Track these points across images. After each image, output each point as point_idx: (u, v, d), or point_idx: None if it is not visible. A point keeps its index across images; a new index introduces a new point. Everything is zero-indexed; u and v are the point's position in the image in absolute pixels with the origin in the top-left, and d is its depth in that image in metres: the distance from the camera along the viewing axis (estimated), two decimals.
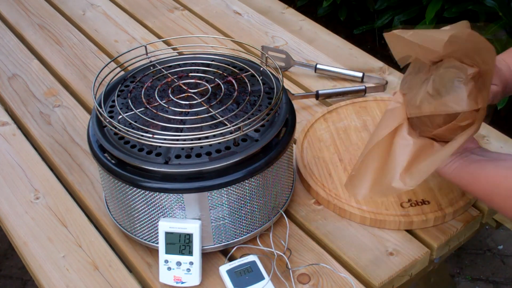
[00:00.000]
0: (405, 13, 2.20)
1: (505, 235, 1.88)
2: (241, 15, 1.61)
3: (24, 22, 1.61)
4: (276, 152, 0.91)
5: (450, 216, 0.99)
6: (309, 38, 1.51)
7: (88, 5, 1.67)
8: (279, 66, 1.10)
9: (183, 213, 0.90)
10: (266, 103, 0.96)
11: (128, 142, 0.91)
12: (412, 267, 0.95)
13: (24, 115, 1.29)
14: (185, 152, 0.88)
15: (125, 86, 1.02)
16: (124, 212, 0.95)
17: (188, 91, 0.98)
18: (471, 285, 1.76)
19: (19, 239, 1.02)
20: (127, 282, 0.94)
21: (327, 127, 1.18)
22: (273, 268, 0.93)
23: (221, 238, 0.94)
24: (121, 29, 1.56)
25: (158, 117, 0.92)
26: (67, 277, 0.95)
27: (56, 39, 1.53)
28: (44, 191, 1.11)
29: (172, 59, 1.08)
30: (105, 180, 0.95)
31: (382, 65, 1.39)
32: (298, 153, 1.11)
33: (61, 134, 1.23)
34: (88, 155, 1.17)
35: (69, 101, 1.32)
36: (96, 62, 1.44)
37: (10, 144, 1.22)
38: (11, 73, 1.42)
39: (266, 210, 0.96)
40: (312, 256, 0.96)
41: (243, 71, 1.03)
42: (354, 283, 0.91)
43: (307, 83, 1.35)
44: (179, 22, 1.58)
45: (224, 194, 0.88)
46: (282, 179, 0.96)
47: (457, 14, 1.98)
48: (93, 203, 1.08)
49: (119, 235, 1.01)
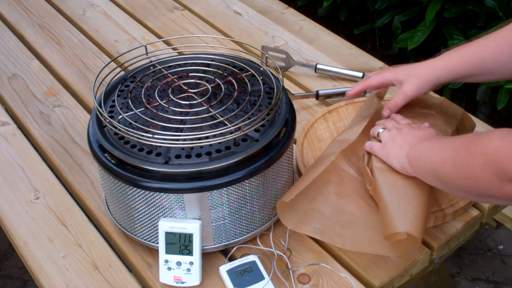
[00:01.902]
0: (405, 13, 2.20)
1: (505, 235, 1.88)
2: (241, 15, 1.61)
3: (24, 22, 1.61)
4: (276, 152, 0.91)
5: (450, 216, 0.99)
6: (309, 38, 1.51)
7: (88, 5, 1.67)
8: (279, 66, 1.10)
9: (183, 213, 0.90)
10: (266, 103, 0.96)
11: (128, 142, 0.91)
12: (412, 267, 0.95)
13: (24, 115, 1.29)
14: (185, 152, 0.88)
15: (125, 86, 1.02)
16: (124, 212, 0.95)
17: (188, 91, 0.98)
18: (471, 285, 1.76)
19: (19, 239, 1.02)
20: (127, 282, 0.94)
21: (327, 127, 1.18)
22: (273, 268, 0.93)
23: (221, 238, 0.94)
24: (121, 29, 1.56)
25: (158, 117, 0.92)
26: (67, 277, 0.95)
27: (56, 39, 1.53)
28: (44, 191, 1.11)
29: (172, 59, 1.08)
30: (105, 180, 0.95)
31: (382, 65, 1.39)
32: (298, 153, 1.11)
33: (61, 134, 1.23)
34: (88, 155, 1.17)
35: (69, 101, 1.32)
36: (96, 62, 1.44)
37: (10, 144, 1.22)
38: (11, 73, 1.42)
39: (266, 210, 0.95)
40: (312, 256, 0.96)
41: (243, 71, 1.03)
42: (354, 283, 0.91)
43: (307, 83, 1.35)
44: (179, 22, 1.58)
45: (224, 194, 0.88)
46: (282, 179, 0.96)
47: (457, 14, 1.98)
48: (93, 203, 1.08)
49: (119, 235, 1.01)
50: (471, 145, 0.72)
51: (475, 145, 0.72)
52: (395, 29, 2.23)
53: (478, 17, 2.02)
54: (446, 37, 2.01)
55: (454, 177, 0.76)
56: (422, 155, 0.84)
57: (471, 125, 1.09)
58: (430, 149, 0.83)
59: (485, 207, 1.02)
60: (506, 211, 1.14)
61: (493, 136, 0.70)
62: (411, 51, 2.17)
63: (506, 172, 0.67)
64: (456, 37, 1.98)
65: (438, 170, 0.79)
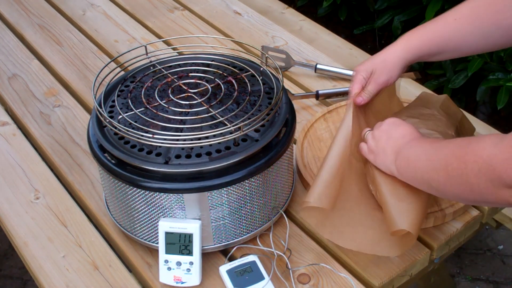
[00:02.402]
0: (405, 13, 2.20)
1: (505, 235, 1.87)
2: (241, 15, 1.61)
3: (24, 22, 1.61)
4: (276, 152, 0.91)
5: (450, 216, 0.99)
6: (309, 38, 1.51)
7: (88, 5, 1.67)
8: (279, 66, 1.10)
9: (183, 213, 0.90)
10: (266, 103, 0.96)
11: (128, 142, 0.91)
12: (412, 267, 0.95)
13: (24, 115, 1.29)
14: (185, 152, 0.88)
15: (125, 86, 1.02)
16: (124, 212, 0.95)
17: (188, 91, 0.98)
18: (471, 285, 1.76)
19: (19, 239, 1.02)
20: (127, 282, 0.94)
21: (327, 127, 1.18)
22: (273, 268, 0.93)
23: (221, 238, 0.94)
24: (121, 29, 1.56)
25: (158, 117, 0.92)
26: (67, 277, 0.95)
27: (56, 39, 1.53)
28: (44, 191, 1.11)
29: (172, 59, 1.08)
30: (105, 180, 0.95)
31: None
32: (298, 153, 1.11)
33: (61, 134, 1.23)
34: (88, 155, 1.17)
35: (69, 101, 1.32)
36: (96, 62, 1.44)
37: (10, 144, 1.22)
38: (11, 73, 1.42)
39: (266, 210, 0.95)
40: (312, 256, 0.96)
41: (243, 71, 1.03)
42: (354, 283, 0.91)
43: (307, 83, 1.35)
44: (179, 22, 1.58)
45: (224, 194, 0.88)
46: (282, 179, 0.96)
47: None
48: (93, 203, 1.08)
49: (119, 235, 1.01)
50: (461, 153, 0.72)
51: (466, 153, 0.72)
52: (395, 29, 2.23)
53: None
54: None
55: (448, 185, 0.76)
56: (410, 165, 0.84)
57: (470, 128, 1.09)
58: (418, 158, 0.83)
59: (485, 208, 1.02)
60: (506, 211, 1.14)
61: (484, 143, 0.70)
62: None
63: (502, 179, 0.67)
64: None
65: (430, 179, 0.79)
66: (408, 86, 1.32)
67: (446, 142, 0.79)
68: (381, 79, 0.99)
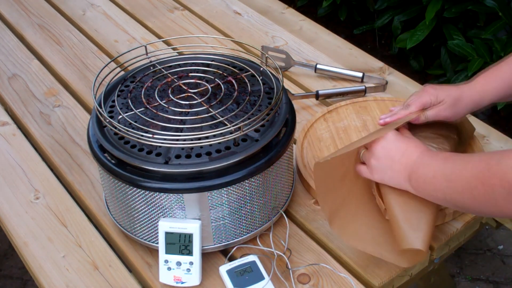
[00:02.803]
0: (405, 13, 2.20)
1: (505, 235, 1.87)
2: (241, 15, 1.61)
3: (24, 22, 1.61)
4: (276, 152, 0.91)
5: (450, 216, 0.99)
6: (309, 38, 1.51)
7: (88, 5, 1.67)
8: (279, 66, 1.10)
9: (183, 213, 0.90)
10: (266, 103, 0.96)
11: (128, 142, 0.91)
12: (412, 267, 0.95)
13: (24, 115, 1.29)
14: (185, 152, 0.88)
15: (125, 86, 1.02)
16: (124, 212, 0.95)
17: (188, 91, 0.98)
18: (471, 285, 1.76)
19: (19, 239, 1.02)
20: (127, 282, 0.94)
21: (327, 127, 1.18)
22: (273, 268, 0.93)
23: (221, 238, 0.94)
24: (121, 29, 1.56)
25: (158, 117, 0.92)
26: (67, 277, 0.95)
27: (56, 39, 1.53)
28: (44, 191, 1.11)
29: (172, 59, 1.08)
30: (105, 180, 0.95)
31: (382, 65, 1.39)
32: (298, 153, 1.11)
33: (61, 134, 1.23)
34: (88, 155, 1.17)
35: (69, 101, 1.32)
36: (96, 62, 1.44)
37: (10, 144, 1.22)
38: (11, 73, 1.42)
39: (266, 210, 0.95)
40: (312, 256, 0.96)
41: (243, 71, 1.03)
42: (354, 283, 0.91)
43: (307, 83, 1.35)
44: (179, 22, 1.58)
45: (224, 194, 0.88)
46: (282, 179, 0.96)
47: (457, 14, 1.98)
48: (93, 203, 1.08)
49: (119, 235, 1.01)
50: (485, 178, 0.74)
51: (489, 178, 0.73)
52: (395, 29, 2.23)
53: (478, 17, 2.02)
54: (446, 37, 2.01)
55: (475, 206, 0.77)
56: (428, 184, 0.83)
57: (470, 128, 1.09)
58: (434, 176, 0.82)
59: None
60: None
61: (506, 166, 0.71)
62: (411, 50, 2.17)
63: None
64: (455, 37, 1.98)
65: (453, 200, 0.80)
66: (408, 86, 1.32)
67: (461, 161, 0.79)
68: (445, 114, 0.97)
